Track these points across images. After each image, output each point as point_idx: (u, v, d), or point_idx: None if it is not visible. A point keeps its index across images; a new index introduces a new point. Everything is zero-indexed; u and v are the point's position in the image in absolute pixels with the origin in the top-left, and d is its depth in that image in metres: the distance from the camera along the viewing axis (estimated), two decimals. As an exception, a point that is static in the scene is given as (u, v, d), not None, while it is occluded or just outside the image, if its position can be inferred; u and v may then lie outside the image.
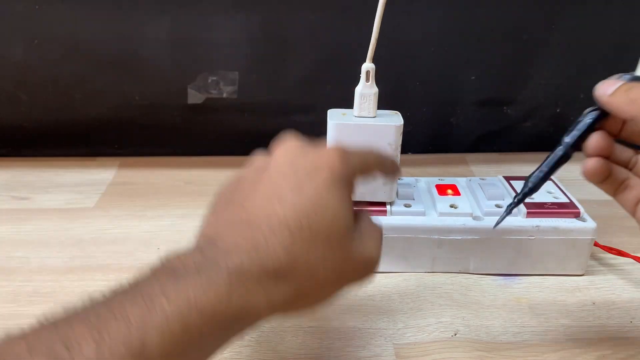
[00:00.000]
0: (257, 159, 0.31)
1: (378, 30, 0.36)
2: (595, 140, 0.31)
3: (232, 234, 0.27)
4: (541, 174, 0.33)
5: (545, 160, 0.33)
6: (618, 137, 0.32)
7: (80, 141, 0.62)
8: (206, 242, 0.27)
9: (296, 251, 0.26)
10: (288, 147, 0.30)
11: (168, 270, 0.25)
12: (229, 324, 0.25)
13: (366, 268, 0.30)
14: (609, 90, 0.30)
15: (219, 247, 0.26)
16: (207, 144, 0.63)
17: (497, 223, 0.37)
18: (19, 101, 0.59)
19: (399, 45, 0.56)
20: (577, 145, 0.32)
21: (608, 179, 0.32)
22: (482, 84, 0.61)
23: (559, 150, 0.32)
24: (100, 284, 0.41)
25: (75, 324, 0.22)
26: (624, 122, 0.31)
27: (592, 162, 0.31)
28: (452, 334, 0.37)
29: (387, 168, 0.34)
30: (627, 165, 0.32)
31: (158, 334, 0.22)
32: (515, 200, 0.35)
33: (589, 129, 0.31)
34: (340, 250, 0.28)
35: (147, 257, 0.44)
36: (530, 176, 0.34)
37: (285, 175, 0.28)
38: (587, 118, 0.31)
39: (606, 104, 0.30)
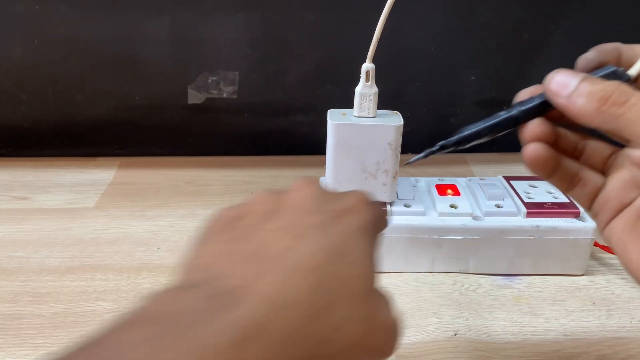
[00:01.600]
0: (263, 194, 0.26)
1: (381, 31, 0.36)
2: (533, 125, 0.27)
3: (240, 270, 0.21)
4: (474, 128, 0.28)
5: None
6: (561, 120, 0.27)
7: (80, 141, 0.62)
8: (208, 277, 0.21)
9: (317, 303, 0.20)
10: (310, 186, 0.26)
11: (157, 318, 0.19)
12: None
13: (392, 335, 0.24)
14: (566, 89, 0.24)
15: (225, 284, 0.20)
16: (207, 144, 0.63)
17: (410, 162, 0.31)
18: (19, 101, 0.59)
19: (399, 45, 0.56)
20: (525, 116, 0.27)
21: (557, 172, 0.27)
22: (482, 84, 0.61)
23: (504, 112, 0.28)
24: (100, 284, 0.41)
25: None
26: None
27: (532, 147, 0.26)
28: (452, 334, 0.37)
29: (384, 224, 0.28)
30: (573, 153, 0.28)
31: None
32: (437, 147, 0.29)
33: (538, 106, 0.27)
34: (366, 309, 0.22)
35: (147, 257, 0.44)
36: (463, 129, 0.29)
37: (307, 212, 0.24)
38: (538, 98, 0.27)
39: (563, 107, 0.25)
